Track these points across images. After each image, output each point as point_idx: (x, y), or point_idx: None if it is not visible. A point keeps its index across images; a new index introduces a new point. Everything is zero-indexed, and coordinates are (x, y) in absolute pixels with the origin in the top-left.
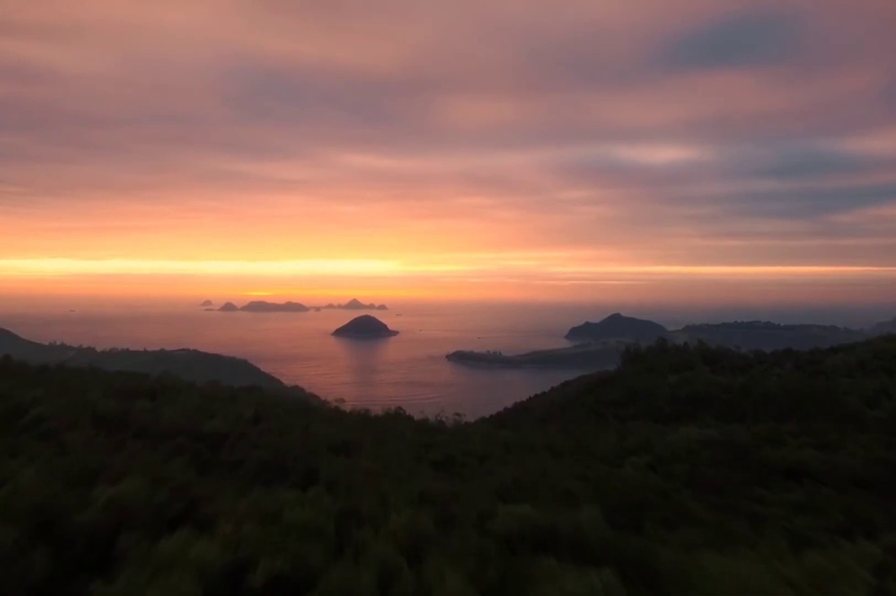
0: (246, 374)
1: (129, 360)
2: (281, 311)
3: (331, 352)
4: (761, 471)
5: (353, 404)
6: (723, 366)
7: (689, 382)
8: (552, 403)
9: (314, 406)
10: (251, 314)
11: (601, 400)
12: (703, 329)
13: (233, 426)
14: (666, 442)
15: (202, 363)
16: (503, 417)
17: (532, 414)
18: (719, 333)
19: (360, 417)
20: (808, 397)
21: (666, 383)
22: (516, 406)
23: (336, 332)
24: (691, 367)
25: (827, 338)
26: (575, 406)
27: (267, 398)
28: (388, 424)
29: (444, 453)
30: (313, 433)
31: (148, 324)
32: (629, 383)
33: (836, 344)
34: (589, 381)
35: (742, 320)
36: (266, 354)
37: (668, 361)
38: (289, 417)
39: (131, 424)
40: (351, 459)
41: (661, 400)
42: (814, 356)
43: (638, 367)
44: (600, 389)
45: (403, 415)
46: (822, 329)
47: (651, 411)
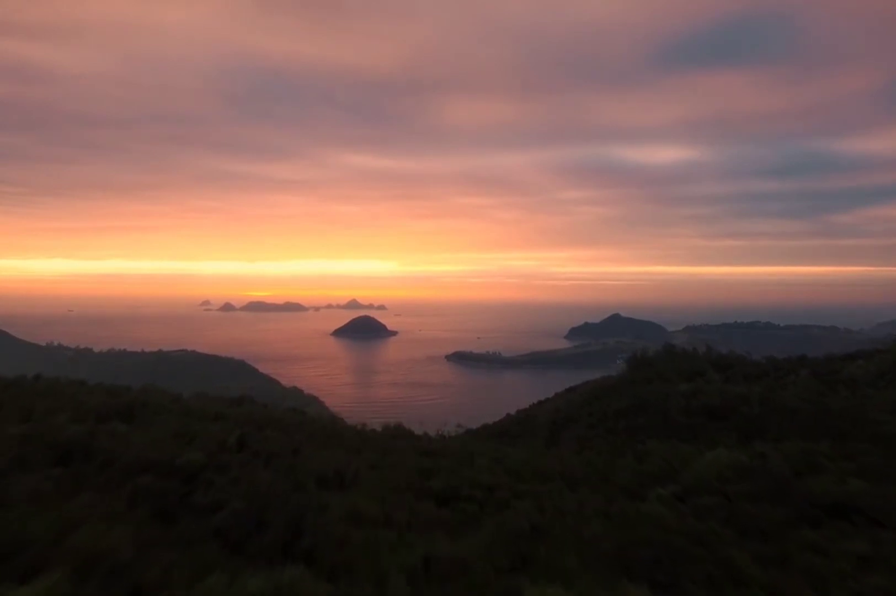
0: (244, 375)
1: (127, 360)
2: (280, 311)
3: (330, 352)
4: (804, 506)
5: (352, 406)
6: (735, 373)
7: (702, 392)
8: (557, 410)
9: (309, 419)
10: (250, 314)
11: (609, 409)
12: (703, 329)
13: (212, 455)
14: (692, 468)
15: (200, 364)
16: (506, 426)
17: (537, 423)
18: (719, 333)
19: (356, 434)
20: (836, 412)
21: (678, 393)
22: (519, 414)
23: (335, 332)
24: (701, 373)
25: (827, 338)
26: (581, 416)
27: (257, 414)
28: (387, 442)
29: (448, 484)
30: (303, 461)
31: (147, 324)
32: (638, 392)
33: (837, 344)
34: (594, 387)
35: (742, 321)
36: (265, 355)
37: (676, 367)
38: (278, 439)
39: (97, 454)
40: (344, 493)
41: (673, 411)
42: (831, 364)
43: (645, 373)
44: (607, 396)
45: (403, 430)
46: (821, 329)
47: (663, 423)
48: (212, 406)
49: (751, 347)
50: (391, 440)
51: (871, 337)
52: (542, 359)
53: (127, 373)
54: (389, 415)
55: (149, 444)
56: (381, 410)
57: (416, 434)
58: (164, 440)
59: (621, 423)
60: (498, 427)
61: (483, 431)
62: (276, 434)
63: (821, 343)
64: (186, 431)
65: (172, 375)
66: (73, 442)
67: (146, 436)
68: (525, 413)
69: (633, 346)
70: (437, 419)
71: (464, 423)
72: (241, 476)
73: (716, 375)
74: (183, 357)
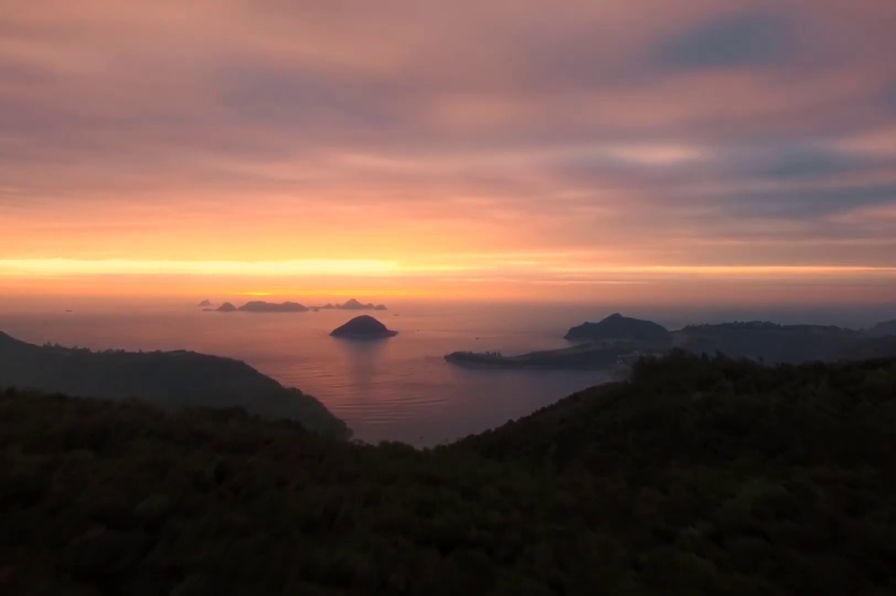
0: (243, 376)
1: (125, 361)
2: (279, 311)
3: (329, 353)
4: (861, 554)
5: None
6: (747, 381)
7: (716, 403)
8: (562, 420)
9: (302, 437)
10: (249, 314)
11: (618, 420)
12: (704, 330)
13: (185, 493)
14: (724, 501)
15: (199, 365)
16: (509, 435)
17: (541, 433)
18: (719, 333)
19: (353, 454)
20: (869, 430)
21: (690, 403)
22: (522, 421)
23: (334, 332)
24: (712, 381)
25: (827, 338)
26: (588, 427)
27: (244, 432)
28: (385, 462)
29: (453, 523)
30: (289, 496)
31: (146, 324)
32: (647, 401)
33: (838, 345)
34: (600, 394)
35: (742, 321)
36: (264, 355)
37: (685, 374)
38: (264, 467)
39: (46, 498)
40: (333, 539)
41: (687, 423)
42: (850, 372)
43: (653, 381)
44: (614, 405)
45: (402, 448)
46: (822, 330)
47: (677, 437)
48: (196, 423)
49: (751, 347)
50: (389, 461)
51: (872, 337)
52: (542, 359)
53: (124, 374)
54: (389, 417)
55: (111, 481)
56: (381, 412)
57: (415, 451)
58: (131, 475)
59: (631, 434)
60: (500, 435)
61: (485, 438)
62: (262, 461)
63: (821, 343)
64: (159, 462)
65: (171, 377)
66: (21, 482)
67: (112, 468)
68: (528, 421)
69: (633, 346)
70: (437, 422)
71: (465, 426)
72: (213, 523)
73: (728, 382)
74: (181, 358)
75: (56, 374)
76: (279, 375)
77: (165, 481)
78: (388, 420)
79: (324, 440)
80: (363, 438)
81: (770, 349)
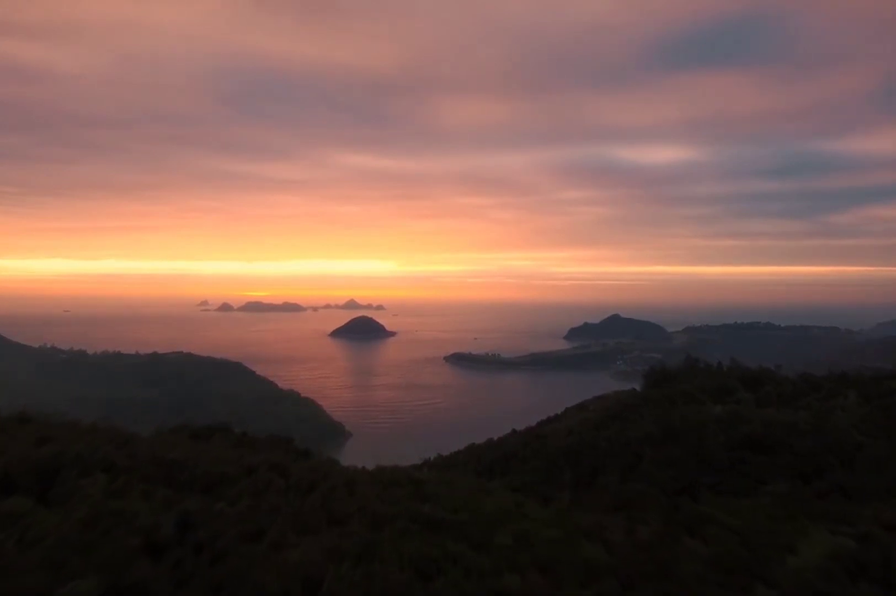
0: (241, 377)
1: (122, 363)
2: (278, 311)
3: (328, 353)
4: None
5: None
6: (768, 392)
7: (740, 418)
8: (571, 433)
9: (287, 466)
10: (248, 314)
11: (631, 436)
12: (704, 330)
13: (121, 571)
14: (785, 559)
15: (196, 367)
16: (514, 448)
17: (549, 448)
18: (720, 334)
19: (344, 487)
20: None
21: (710, 418)
22: (528, 433)
23: (333, 332)
24: (730, 392)
25: (828, 339)
26: (599, 442)
27: (221, 463)
28: (381, 493)
29: (462, 593)
30: (263, 558)
31: (144, 324)
32: (662, 414)
33: (839, 345)
34: (610, 404)
35: (742, 321)
36: (262, 356)
37: (700, 383)
38: (235, 516)
39: None
40: None
41: (710, 441)
42: (880, 384)
43: (666, 391)
44: (626, 417)
45: (399, 475)
46: (822, 330)
47: (700, 457)
48: (169, 449)
49: (752, 347)
50: (385, 493)
51: (873, 338)
52: (542, 360)
53: (121, 376)
54: (388, 419)
55: (37, 548)
56: (381, 414)
57: (414, 478)
58: (67, 536)
59: (647, 451)
60: (504, 448)
61: (488, 452)
62: (237, 504)
63: (822, 344)
64: (107, 513)
65: (168, 379)
66: None
67: (46, 526)
68: (534, 434)
69: (633, 347)
70: (436, 425)
71: (465, 429)
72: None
73: (746, 394)
74: (179, 359)
75: (51, 376)
76: (277, 377)
77: (107, 546)
78: (387, 423)
79: (314, 466)
80: (362, 440)
81: (770, 350)
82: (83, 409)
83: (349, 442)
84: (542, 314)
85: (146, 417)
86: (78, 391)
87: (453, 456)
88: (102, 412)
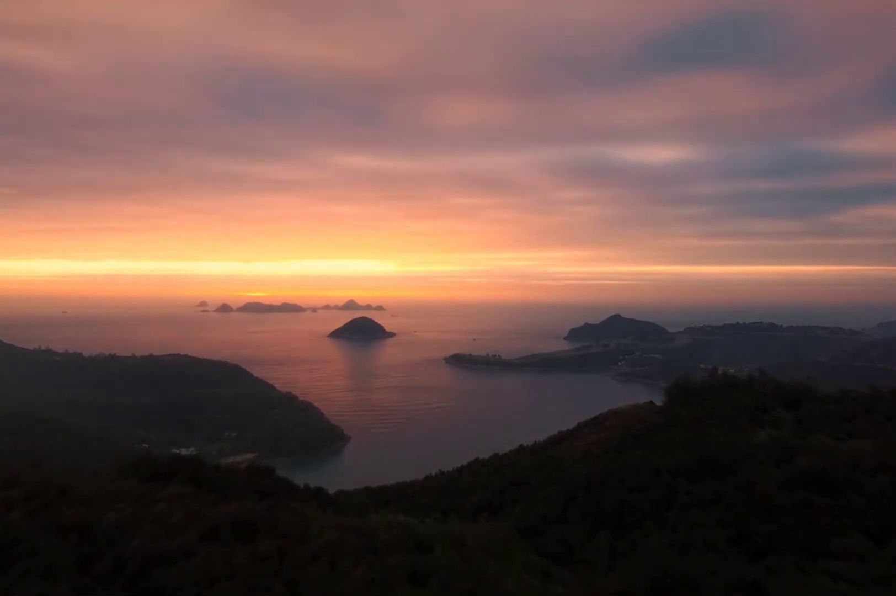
0: (238, 380)
1: (117, 366)
2: (277, 312)
3: (327, 355)
4: None
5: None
6: (810, 412)
7: (789, 447)
8: (586, 453)
9: (253, 529)
10: (247, 315)
11: (661, 464)
12: (705, 331)
13: None
14: None
15: (193, 369)
16: (525, 473)
17: (564, 474)
18: (722, 334)
19: (324, 560)
20: None
21: (757, 448)
22: (538, 450)
23: (332, 334)
24: (765, 410)
25: (832, 340)
26: (626, 473)
27: (171, 525)
28: (369, 584)
29: None
30: None
31: (143, 326)
32: (693, 440)
33: (843, 346)
34: (629, 422)
35: (743, 321)
36: (261, 358)
37: (731, 401)
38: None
39: None
40: None
41: (761, 478)
42: None
43: (691, 409)
44: (650, 439)
45: (397, 539)
46: (826, 331)
47: (749, 497)
48: (103, 507)
49: (755, 349)
50: (379, 566)
51: (876, 338)
52: (543, 361)
53: (116, 379)
54: (388, 422)
55: None
56: (380, 417)
57: (416, 534)
58: None
59: (681, 484)
60: (514, 469)
61: (495, 473)
62: (207, 572)
63: (827, 345)
64: None
65: (164, 382)
66: None
67: None
68: (547, 455)
69: (634, 347)
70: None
71: (465, 432)
72: None
73: (786, 413)
74: (175, 362)
75: (45, 379)
76: (276, 379)
77: None
78: (386, 427)
79: (291, 519)
80: (361, 445)
81: (773, 351)
82: (76, 413)
83: (348, 446)
84: (542, 314)
85: (140, 422)
86: (71, 395)
87: (456, 475)
88: (95, 416)
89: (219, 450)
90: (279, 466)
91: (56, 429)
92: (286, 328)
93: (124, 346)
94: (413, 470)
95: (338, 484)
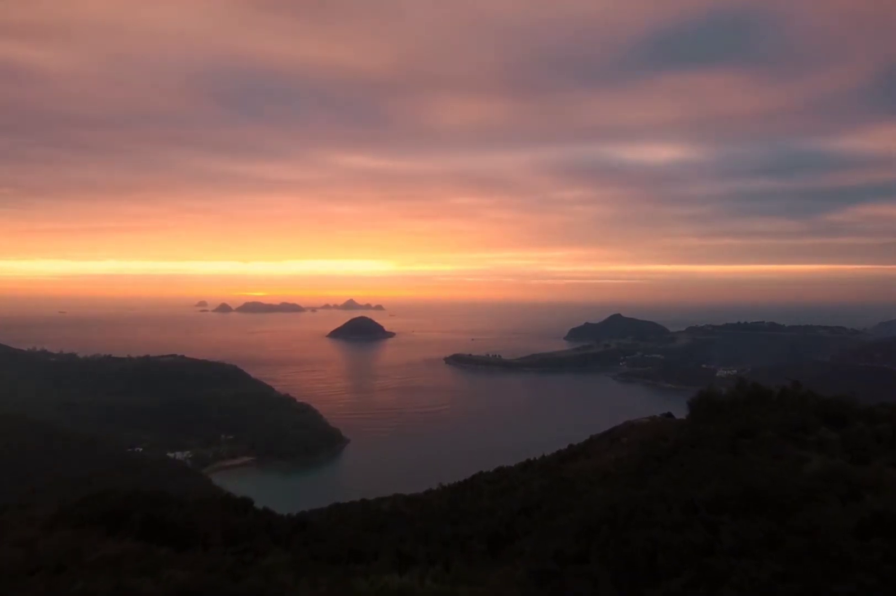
0: (236, 381)
1: (113, 367)
2: (277, 311)
3: (326, 355)
4: None
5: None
6: (860, 432)
7: (849, 480)
8: (605, 477)
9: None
10: (247, 315)
11: (695, 494)
12: (707, 330)
13: None
14: None
15: (191, 370)
16: (534, 495)
17: (579, 499)
18: (723, 334)
19: None
20: None
21: (812, 480)
22: (548, 469)
23: (332, 333)
24: (806, 429)
25: (834, 339)
26: (654, 505)
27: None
28: None
29: None
30: None
31: (141, 326)
32: (734, 467)
33: (845, 346)
34: (648, 437)
35: (744, 321)
36: (259, 359)
37: (766, 417)
38: None
39: None
40: None
41: (822, 520)
42: None
43: (719, 425)
44: (676, 461)
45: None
46: (828, 330)
47: (814, 548)
48: (25, 565)
49: (756, 348)
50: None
51: (878, 338)
52: (543, 361)
53: (112, 380)
54: (387, 424)
55: None
56: (379, 419)
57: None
58: None
59: (724, 522)
60: (522, 493)
61: (501, 496)
62: None
63: (828, 344)
64: None
65: (161, 383)
66: None
67: None
68: (558, 475)
69: (635, 347)
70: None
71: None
72: None
73: (831, 433)
74: (173, 363)
75: (40, 380)
76: (274, 380)
77: None
78: (386, 429)
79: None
80: (360, 447)
81: (777, 351)
82: (71, 415)
83: (346, 449)
84: (542, 314)
85: (137, 424)
86: (67, 396)
87: (458, 494)
88: (92, 418)
89: (215, 453)
90: (276, 469)
91: (48, 433)
92: (285, 328)
93: (123, 346)
94: (412, 473)
95: (335, 489)
